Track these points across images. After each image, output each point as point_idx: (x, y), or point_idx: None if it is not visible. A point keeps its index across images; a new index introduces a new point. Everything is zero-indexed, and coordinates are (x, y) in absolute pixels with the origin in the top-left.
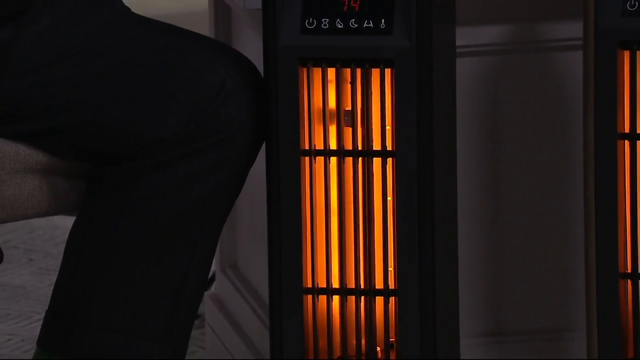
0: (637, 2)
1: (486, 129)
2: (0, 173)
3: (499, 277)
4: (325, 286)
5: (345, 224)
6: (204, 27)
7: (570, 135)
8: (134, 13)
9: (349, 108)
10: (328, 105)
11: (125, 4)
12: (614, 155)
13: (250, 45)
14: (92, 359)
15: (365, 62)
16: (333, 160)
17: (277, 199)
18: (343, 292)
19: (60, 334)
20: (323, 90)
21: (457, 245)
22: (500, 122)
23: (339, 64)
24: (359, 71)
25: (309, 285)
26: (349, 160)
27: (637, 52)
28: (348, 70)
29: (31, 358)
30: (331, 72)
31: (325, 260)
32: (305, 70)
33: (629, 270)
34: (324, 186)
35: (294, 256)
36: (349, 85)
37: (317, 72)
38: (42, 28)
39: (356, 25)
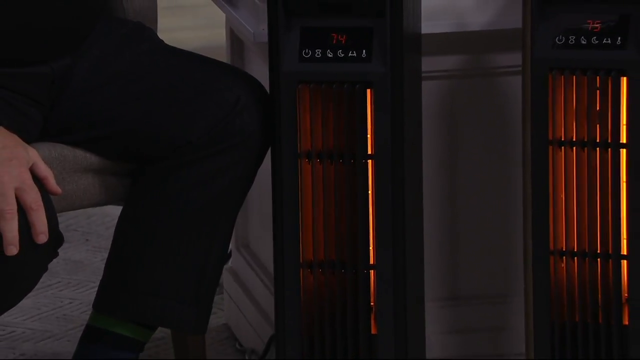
0: (564, 37)
1: (445, 137)
2: (62, 172)
3: (455, 254)
4: (314, 260)
5: (334, 212)
6: (222, 57)
7: (511, 142)
8: (167, 44)
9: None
10: (320, 117)
11: (160, 38)
12: (545, 157)
13: (259, 71)
14: (136, 318)
15: (350, 83)
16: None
17: (280, 192)
18: (331, 265)
19: (111, 298)
20: (311, 106)
21: (422, 229)
22: (456, 131)
23: (326, 86)
24: (345, 92)
25: (305, 259)
26: (337, 162)
27: (562, 76)
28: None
29: (88, 318)
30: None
31: (314, 240)
32: (303, 89)
33: (558, 248)
34: (312, 183)
35: (293, 238)
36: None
37: (313, 92)
38: (94, 58)
39: (343, 55)
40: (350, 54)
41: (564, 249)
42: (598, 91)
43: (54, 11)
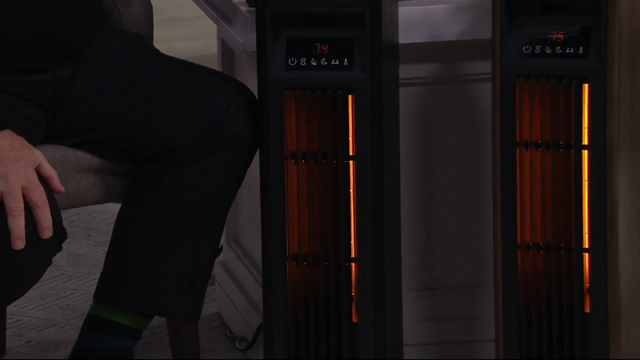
0: (530, 47)
1: (421, 139)
2: (64, 172)
3: (431, 247)
4: (299, 253)
5: (317, 209)
6: (214, 65)
7: (482, 143)
8: (163, 54)
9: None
10: (305, 121)
11: (156, 48)
12: (513, 158)
13: (248, 78)
14: (134, 308)
15: (333, 90)
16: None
17: (267, 190)
18: (316, 259)
19: (111, 289)
20: (296, 111)
21: (400, 225)
22: (431, 133)
23: (310, 92)
24: (328, 97)
25: (291, 253)
26: (321, 162)
27: (528, 83)
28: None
29: (89, 308)
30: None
31: (299, 236)
32: (289, 95)
33: (525, 242)
34: (297, 182)
35: (280, 233)
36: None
37: (298, 97)
38: (95, 66)
39: (326, 63)
40: (332, 63)
41: (530, 243)
42: (562, 97)
43: (57, 23)
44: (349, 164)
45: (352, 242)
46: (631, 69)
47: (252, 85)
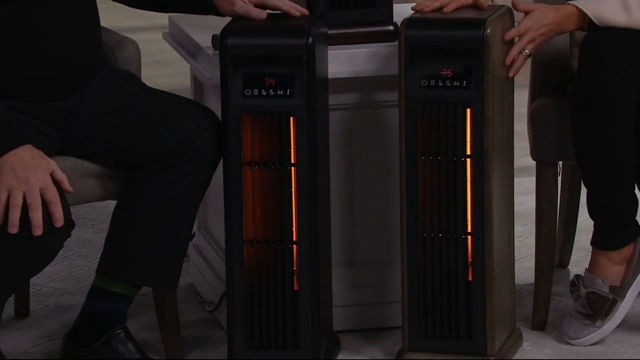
0: (427, 81)
1: (346, 150)
2: (73, 177)
3: (354, 232)
4: (253, 238)
5: (268, 204)
6: (188, 95)
7: (391, 153)
8: (148, 86)
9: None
10: (258, 137)
11: (143, 82)
12: (416, 164)
13: (214, 104)
14: (127, 280)
15: (278, 113)
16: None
17: (229, 189)
18: (266, 242)
19: (108, 266)
20: (251, 129)
21: (330, 216)
22: (353, 146)
23: (261, 114)
24: (275, 119)
25: (247, 238)
26: (270, 168)
27: (424, 108)
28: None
29: (93, 280)
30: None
31: (254, 224)
32: (245, 117)
33: (424, 228)
34: (252, 183)
35: (238, 222)
36: None
37: (252, 119)
38: (96, 96)
39: (273, 93)
40: (278, 93)
41: (427, 228)
42: (450, 118)
43: (67, 65)
44: (291, 169)
45: (293, 229)
46: (501, 99)
47: (217, 110)
